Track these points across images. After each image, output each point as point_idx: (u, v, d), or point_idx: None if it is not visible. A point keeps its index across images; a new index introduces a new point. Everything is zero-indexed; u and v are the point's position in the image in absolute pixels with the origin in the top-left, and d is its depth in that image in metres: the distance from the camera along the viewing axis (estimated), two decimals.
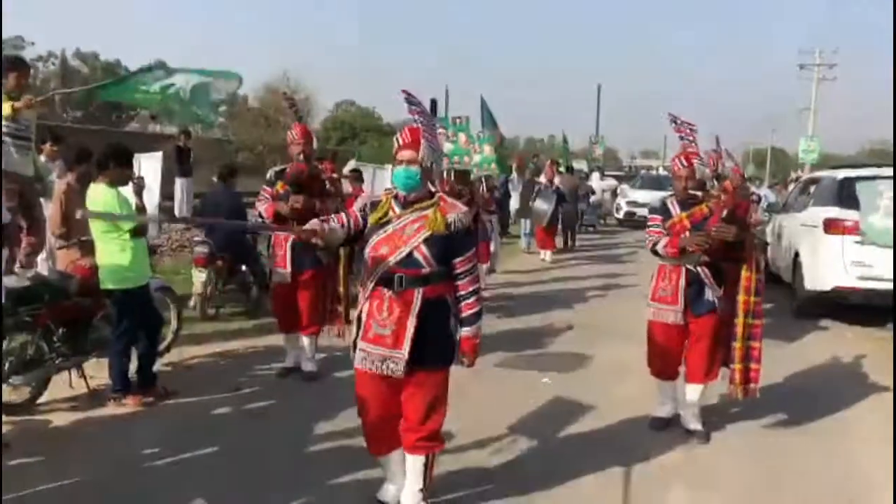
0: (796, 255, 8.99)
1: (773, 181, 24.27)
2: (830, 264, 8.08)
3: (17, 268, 4.64)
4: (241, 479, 3.98)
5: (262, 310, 7.70)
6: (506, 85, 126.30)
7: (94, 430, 4.65)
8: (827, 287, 8.09)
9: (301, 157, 5.58)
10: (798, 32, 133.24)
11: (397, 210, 3.31)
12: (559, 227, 15.43)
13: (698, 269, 4.63)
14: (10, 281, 4.48)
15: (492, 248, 9.90)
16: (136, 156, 6.42)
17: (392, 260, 3.23)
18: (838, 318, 8.33)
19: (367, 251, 3.31)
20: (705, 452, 4.58)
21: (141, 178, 5.06)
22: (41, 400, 4.94)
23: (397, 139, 3.34)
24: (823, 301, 8.35)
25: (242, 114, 42.86)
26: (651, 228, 4.83)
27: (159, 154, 8.30)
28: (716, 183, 5.45)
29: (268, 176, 5.70)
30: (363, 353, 3.30)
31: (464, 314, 3.34)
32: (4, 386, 4.53)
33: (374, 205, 3.36)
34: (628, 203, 21.40)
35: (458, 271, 3.30)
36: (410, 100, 3.45)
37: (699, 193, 4.67)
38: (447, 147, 8.82)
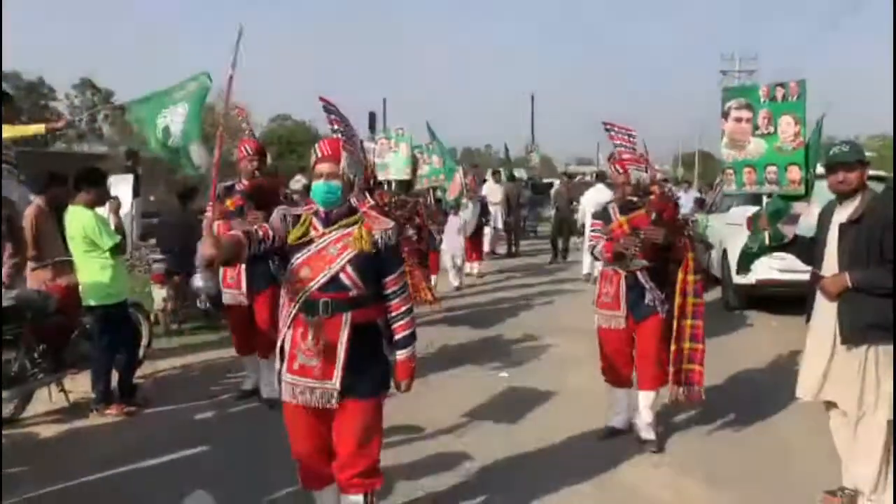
0: (724, 252, 9.73)
1: (700, 184, 25.28)
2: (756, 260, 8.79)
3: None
4: (226, 478, 4.21)
5: (222, 323, 7.91)
6: (441, 95, 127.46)
7: (81, 438, 4.89)
8: (752, 280, 8.81)
9: (255, 173, 5.40)
10: (722, 38, 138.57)
11: (319, 228, 3.05)
12: (508, 234, 16.07)
13: (637, 273, 4.64)
14: None
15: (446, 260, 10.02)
16: (110, 177, 6.62)
17: (315, 283, 2.97)
18: (764, 309, 9.05)
19: (287, 274, 3.07)
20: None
21: (116, 198, 5.30)
22: (25, 414, 5.13)
23: (315, 151, 3.10)
24: (750, 293, 9.09)
25: None
26: (593, 233, 4.90)
27: (130, 176, 8.52)
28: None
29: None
30: (289, 385, 3.06)
31: (397, 336, 3.12)
32: None
33: (296, 218, 3.08)
34: None
35: (389, 291, 3.08)
36: (328, 108, 3.32)
37: (634, 199, 4.71)
38: (389, 157, 8.91)
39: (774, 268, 8.64)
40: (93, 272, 5.08)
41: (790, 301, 8.72)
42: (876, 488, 3.61)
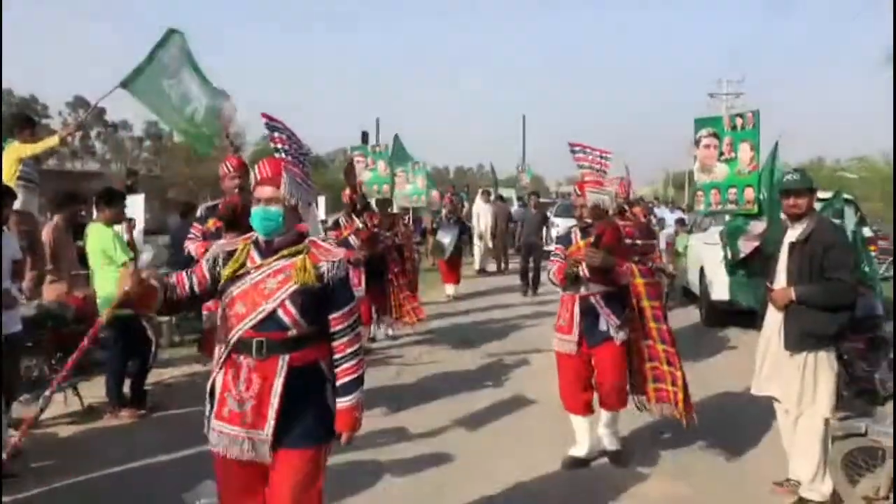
0: (702, 269, 10.21)
1: (678, 205, 25.51)
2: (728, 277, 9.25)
3: (23, 299, 5.21)
4: None
5: None
6: (435, 116, 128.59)
7: (98, 438, 5.28)
8: (726, 297, 9.25)
9: (237, 190, 4.93)
10: (710, 62, 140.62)
11: (257, 259, 2.76)
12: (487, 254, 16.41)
13: (592, 297, 4.60)
14: (22, 310, 5.06)
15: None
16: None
17: (249, 321, 2.68)
18: (738, 325, 9.51)
19: (221, 310, 2.82)
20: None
21: (132, 219, 5.73)
22: (43, 416, 5.49)
23: (255, 173, 2.84)
24: (726, 309, 9.54)
25: (170, 149, 42.59)
26: (553, 258, 4.83)
27: (141, 196, 8.97)
28: (626, 208, 6.26)
29: (198, 213, 5.30)
30: (217, 434, 2.76)
31: (341, 381, 2.78)
32: (15, 403, 5.09)
33: (230, 255, 2.79)
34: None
35: (335, 329, 2.77)
36: (272, 125, 3.04)
37: (590, 221, 4.68)
38: (366, 176, 8.89)
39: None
40: (109, 284, 5.47)
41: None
42: (814, 479, 4.04)
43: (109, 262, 5.48)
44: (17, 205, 5.06)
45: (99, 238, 5.48)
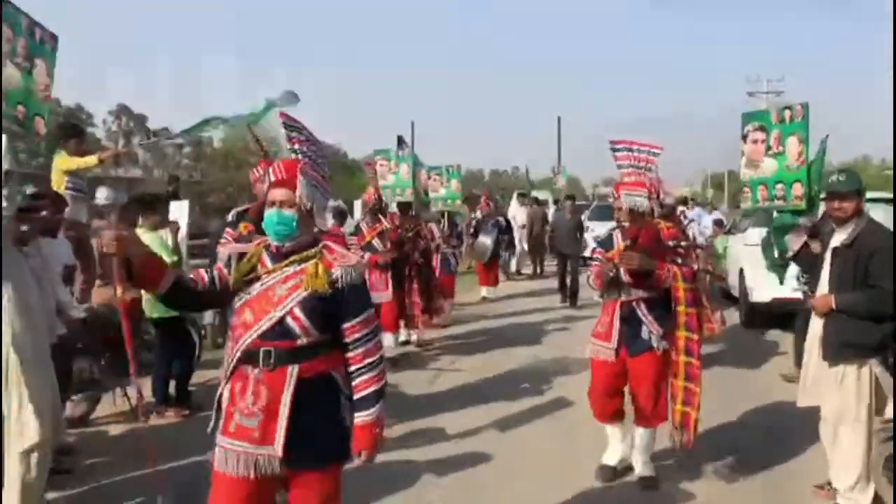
0: (741, 271, 10.08)
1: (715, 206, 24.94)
2: (769, 278, 9.12)
3: (74, 303, 5.40)
4: None
5: None
6: (471, 118, 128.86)
7: (145, 437, 5.38)
8: (767, 299, 9.13)
9: None
10: (746, 62, 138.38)
11: (268, 264, 2.64)
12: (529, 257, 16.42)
13: (634, 304, 4.42)
14: (74, 313, 5.25)
15: None
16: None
17: (256, 330, 2.55)
18: (779, 327, 9.36)
19: (230, 318, 2.70)
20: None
21: (176, 222, 5.91)
22: (94, 416, 5.71)
23: (269, 175, 2.71)
24: (767, 311, 9.41)
25: (210, 155, 43.40)
26: (594, 262, 4.65)
27: (186, 202, 9.19)
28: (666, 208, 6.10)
29: (229, 217, 5.35)
30: (223, 450, 2.60)
31: (358, 395, 2.62)
32: (68, 402, 5.28)
33: (241, 256, 2.68)
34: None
35: (350, 339, 2.61)
36: (291, 125, 2.92)
37: (626, 224, 4.51)
38: (389, 179, 8.85)
39: (788, 286, 8.98)
40: None
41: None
42: (853, 488, 3.93)
43: None
44: (67, 213, 5.25)
45: (147, 243, 5.63)
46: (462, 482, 4.59)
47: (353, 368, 2.62)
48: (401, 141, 9.74)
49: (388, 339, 7.56)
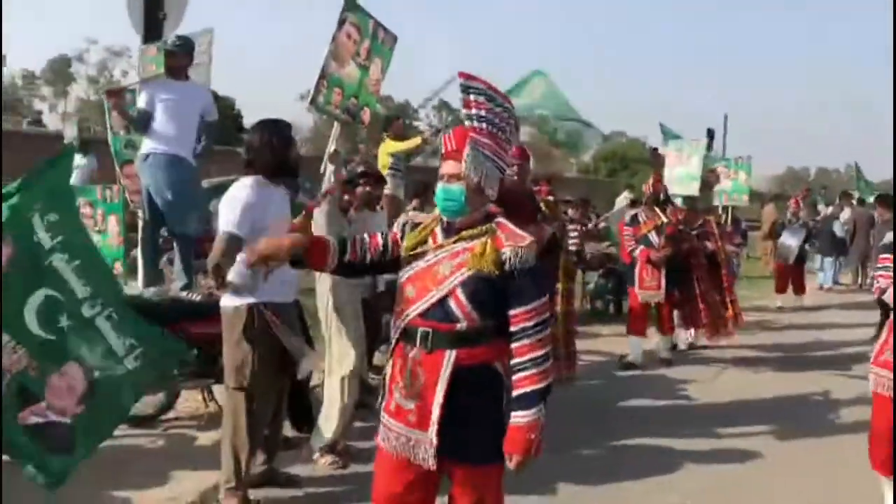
0: None
1: None
2: None
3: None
4: None
5: None
6: (791, 113, 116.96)
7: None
8: None
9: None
10: None
11: (439, 238, 2.50)
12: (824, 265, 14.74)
13: None
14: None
15: None
16: None
17: (417, 308, 2.43)
18: None
19: (397, 293, 2.57)
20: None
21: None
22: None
23: (440, 146, 2.57)
24: None
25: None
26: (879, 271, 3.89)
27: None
28: None
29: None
30: (385, 427, 2.55)
31: (517, 391, 2.39)
32: (376, 351, 5.90)
33: (416, 227, 2.57)
34: None
35: (516, 328, 2.39)
36: (469, 85, 2.44)
37: None
38: (678, 171, 8.30)
39: None
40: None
41: None
42: None
43: None
44: (386, 190, 6.03)
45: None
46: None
47: (515, 361, 2.40)
48: (711, 135, 9.26)
49: (650, 343, 7.49)
